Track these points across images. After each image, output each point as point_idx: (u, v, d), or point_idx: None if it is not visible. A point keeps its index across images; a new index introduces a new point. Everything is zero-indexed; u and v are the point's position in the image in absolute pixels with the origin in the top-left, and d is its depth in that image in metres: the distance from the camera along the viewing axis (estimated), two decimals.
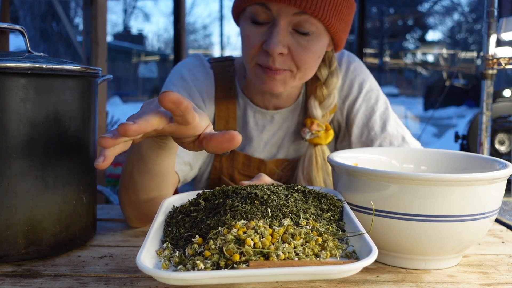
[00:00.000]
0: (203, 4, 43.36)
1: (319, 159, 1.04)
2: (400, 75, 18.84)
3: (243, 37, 0.95)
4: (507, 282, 0.64)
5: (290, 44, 0.91)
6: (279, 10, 0.89)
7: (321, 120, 1.04)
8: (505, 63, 1.26)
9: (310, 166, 1.03)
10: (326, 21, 0.91)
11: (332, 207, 0.66)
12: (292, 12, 0.89)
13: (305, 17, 0.90)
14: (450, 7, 20.13)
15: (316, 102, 1.04)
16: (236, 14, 0.99)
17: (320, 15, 0.89)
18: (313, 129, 1.03)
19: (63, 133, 0.70)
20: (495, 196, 0.65)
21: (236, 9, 0.97)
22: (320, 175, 1.03)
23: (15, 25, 0.76)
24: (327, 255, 0.55)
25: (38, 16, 4.21)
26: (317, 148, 1.04)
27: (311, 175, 1.03)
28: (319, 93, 1.04)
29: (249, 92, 1.08)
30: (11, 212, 0.67)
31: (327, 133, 1.04)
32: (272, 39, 0.90)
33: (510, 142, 4.23)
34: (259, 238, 0.53)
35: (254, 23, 0.93)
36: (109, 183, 2.93)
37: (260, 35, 0.92)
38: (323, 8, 0.89)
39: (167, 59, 19.45)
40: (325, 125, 1.04)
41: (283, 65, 0.93)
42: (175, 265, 0.54)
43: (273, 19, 0.91)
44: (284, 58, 0.92)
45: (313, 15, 0.89)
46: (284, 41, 0.91)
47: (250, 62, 0.95)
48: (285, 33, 0.91)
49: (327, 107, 1.04)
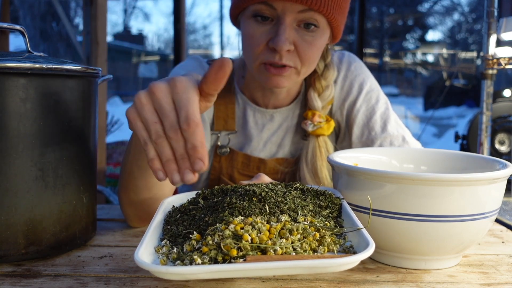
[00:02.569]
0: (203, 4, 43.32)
1: (323, 150, 1.04)
2: (400, 75, 18.84)
3: (246, 36, 0.95)
4: (507, 282, 0.64)
5: (295, 40, 0.92)
6: (285, 8, 0.89)
7: (321, 112, 1.04)
8: (505, 63, 1.26)
9: (314, 157, 1.04)
10: (330, 16, 0.92)
11: (331, 204, 0.67)
12: (298, 10, 0.89)
13: (310, 14, 0.90)
14: (450, 7, 20.12)
15: (315, 94, 1.05)
16: (236, 13, 0.98)
17: (325, 11, 0.90)
18: (315, 121, 1.03)
19: (63, 133, 0.70)
20: (495, 196, 0.65)
21: (236, 8, 0.97)
22: (324, 166, 1.04)
23: (15, 25, 0.76)
24: (324, 250, 0.55)
25: (38, 16, 4.21)
26: (320, 140, 1.05)
27: (316, 166, 1.03)
28: (318, 85, 1.05)
29: (248, 92, 1.08)
30: (11, 212, 0.67)
31: (328, 124, 1.04)
32: (280, 37, 0.90)
33: (510, 142, 4.23)
34: (256, 234, 0.54)
35: (258, 21, 0.93)
36: (109, 183, 2.93)
37: (265, 33, 0.92)
38: (327, 3, 0.90)
39: (167, 59, 19.45)
40: (325, 116, 1.05)
41: (289, 61, 0.93)
42: (173, 261, 0.54)
43: (278, 17, 0.91)
44: (290, 55, 0.93)
45: (318, 11, 0.90)
46: (290, 38, 0.91)
47: (255, 61, 0.95)
48: (291, 30, 0.91)
49: (326, 98, 1.05)
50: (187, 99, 0.58)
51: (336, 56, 1.10)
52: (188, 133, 0.56)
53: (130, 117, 0.61)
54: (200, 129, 0.57)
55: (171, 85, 0.60)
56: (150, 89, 0.60)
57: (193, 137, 0.56)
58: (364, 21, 3.96)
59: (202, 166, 0.56)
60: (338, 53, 1.12)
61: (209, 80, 0.59)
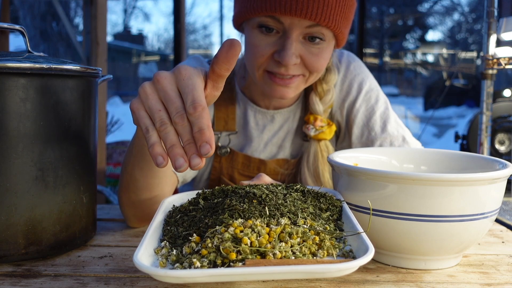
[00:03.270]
0: (203, 4, 43.36)
1: (325, 154, 1.04)
2: (400, 75, 18.85)
3: (250, 45, 0.94)
4: (507, 282, 0.64)
5: (302, 53, 0.92)
6: (292, 23, 0.89)
7: (322, 115, 1.04)
8: (505, 63, 1.26)
9: (316, 161, 1.04)
10: (336, 30, 0.92)
11: (331, 206, 0.66)
12: (306, 25, 0.89)
13: (317, 28, 0.90)
14: (450, 7, 20.13)
15: (317, 98, 1.05)
16: (240, 21, 0.98)
17: (333, 26, 0.90)
18: (317, 125, 1.03)
19: (63, 133, 0.70)
20: (495, 196, 0.65)
21: (240, 17, 0.96)
22: (326, 169, 1.04)
23: (15, 25, 0.76)
24: (324, 254, 0.55)
25: (38, 16, 4.21)
26: (321, 144, 1.05)
27: (318, 170, 1.03)
28: (320, 88, 1.05)
29: (249, 93, 1.08)
30: (11, 212, 0.67)
31: (330, 128, 1.05)
32: (286, 52, 0.89)
33: (510, 142, 4.23)
34: (256, 237, 0.53)
35: (263, 32, 0.92)
36: (109, 183, 2.93)
37: (270, 45, 0.92)
38: (335, 18, 0.90)
39: (167, 59, 19.46)
40: (327, 121, 1.05)
41: (296, 72, 0.93)
42: (172, 263, 0.54)
43: (284, 30, 0.91)
44: (296, 66, 0.93)
45: (327, 26, 0.90)
46: (297, 52, 0.91)
47: (258, 69, 0.95)
48: (297, 44, 0.91)
49: (327, 102, 1.05)
50: (193, 85, 0.58)
51: (335, 55, 1.10)
52: (195, 117, 0.56)
53: (134, 108, 0.60)
54: (206, 112, 0.56)
55: (176, 72, 0.60)
56: (154, 79, 0.60)
57: (200, 120, 0.56)
58: (364, 21, 3.96)
59: (209, 149, 0.55)
60: (337, 52, 1.11)
61: (220, 59, 0.59)
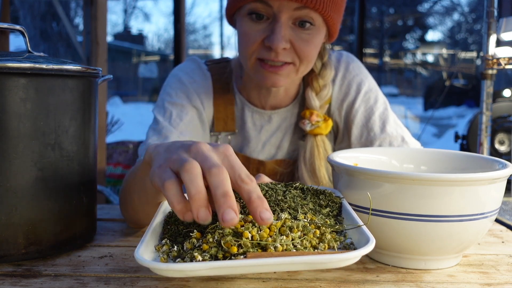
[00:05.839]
0: (203, 4, 43.37)
1: (321, 150, 1.04)
2: (400, 75, 18.86)
3: (242, 34, 0.95)
4: (507, 282, 0.64)
5: (292, 38, 0.92)
6: (280, 6, 0.90)
7: (319, 111, 1.04)
8: (505, 63, 1.26)
9: (312, 156, 1.04)
10: (325, 14, 0.92)
11: (331, 203, 0.67)
12: (293, 7, 0.90)
13: (305, 11, 0.91)
14: (450, 7, 20.13)
15: (313, 93, 1.05)
16: (231, 13, 0.99)
17: (321, 9, 0.90)
18: (313, 120, 1.03)
19: (63, 133, 0.70)
20: (495, 196, 0.65)
21: (232, 7, 0.97)
22: (322, 165, 1.03)
23: (15, 25, 0.76)
24: (325, 247, 0.56)
25: (38, 16, 4.21)
26: (318, 139, 1.05)
27: (314, 165, 1.03)
28: (315, 84, 1.05)
29: (246, 92, 1.08)
30: (11, 212, 0.67)
31: (326, 123, 1.04)
32: (276, 35, 0.90)
33: (510, 142, 4.23)
34: (256, 231, 0.54)
35: (253, 19, 0.93)
36: (109, 183, 2.93)
37: (260, 31, 0.92)
38: (323, 2, 0.90)
39: (167, 59, 19.46)
40: (323, 116, 1.05)
41: (286, 58, 0.93)
42: (174, 259, 0.54)
43: (274, 15, 0.91)
44: (287, 52, 0.93)
45: (314, 9, 0.90)
46: (286, 36, 0.91)
47: (250, 57, 0.95)
48: (286, 28, 0.91)
49: (324, 97, 1.05)
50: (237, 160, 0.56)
51: (334, 56, 1.10)
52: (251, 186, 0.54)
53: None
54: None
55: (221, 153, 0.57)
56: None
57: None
58: (364, 21, 3.96)
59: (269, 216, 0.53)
60: (336, 53, 1.12)
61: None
